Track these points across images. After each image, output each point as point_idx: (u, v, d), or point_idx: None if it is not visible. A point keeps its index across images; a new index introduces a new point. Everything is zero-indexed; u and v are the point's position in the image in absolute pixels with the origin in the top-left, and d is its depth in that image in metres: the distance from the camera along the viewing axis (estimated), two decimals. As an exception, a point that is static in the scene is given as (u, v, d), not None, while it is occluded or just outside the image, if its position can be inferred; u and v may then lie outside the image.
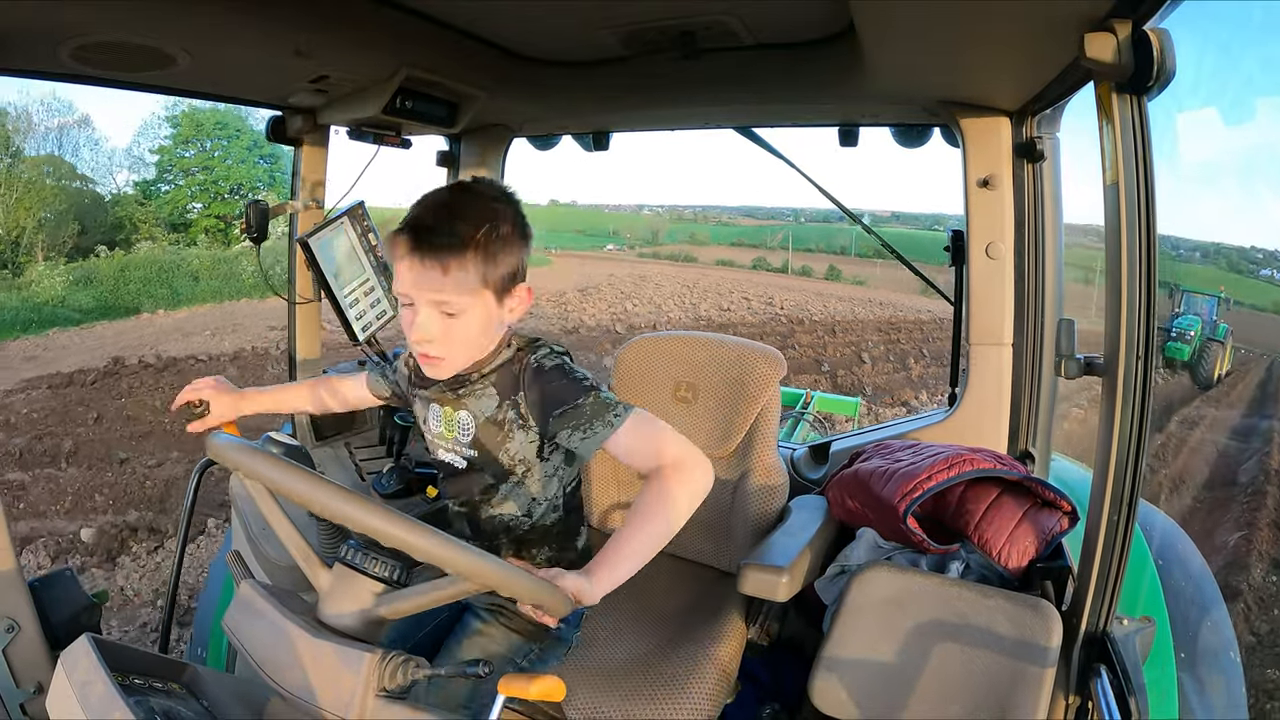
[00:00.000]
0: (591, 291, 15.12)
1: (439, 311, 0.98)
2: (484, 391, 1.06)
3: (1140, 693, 0.95)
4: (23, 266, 13.19)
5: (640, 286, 16.14)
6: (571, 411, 0.97)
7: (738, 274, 15.12)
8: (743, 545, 1.54)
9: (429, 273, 0.95)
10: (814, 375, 9.26)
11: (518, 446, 1.07)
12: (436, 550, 0.75)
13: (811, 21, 1.35)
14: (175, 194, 16.16)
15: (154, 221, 15.95)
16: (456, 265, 0.95)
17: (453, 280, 0.95)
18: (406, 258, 0.96)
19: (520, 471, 1.09)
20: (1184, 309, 12.48)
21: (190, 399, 1.24)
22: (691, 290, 15.71)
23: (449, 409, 1.10)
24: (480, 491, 1.12)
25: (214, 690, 0.82)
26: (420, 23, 1.33)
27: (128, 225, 15.70)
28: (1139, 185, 0.87)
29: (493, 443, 1.07)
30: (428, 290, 0.97)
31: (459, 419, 1.09)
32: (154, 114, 17.19)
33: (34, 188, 13.94)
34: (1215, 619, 1.55)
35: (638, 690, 1.26)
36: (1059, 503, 1.32)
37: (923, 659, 1.18)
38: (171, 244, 15.10)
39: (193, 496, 1.44)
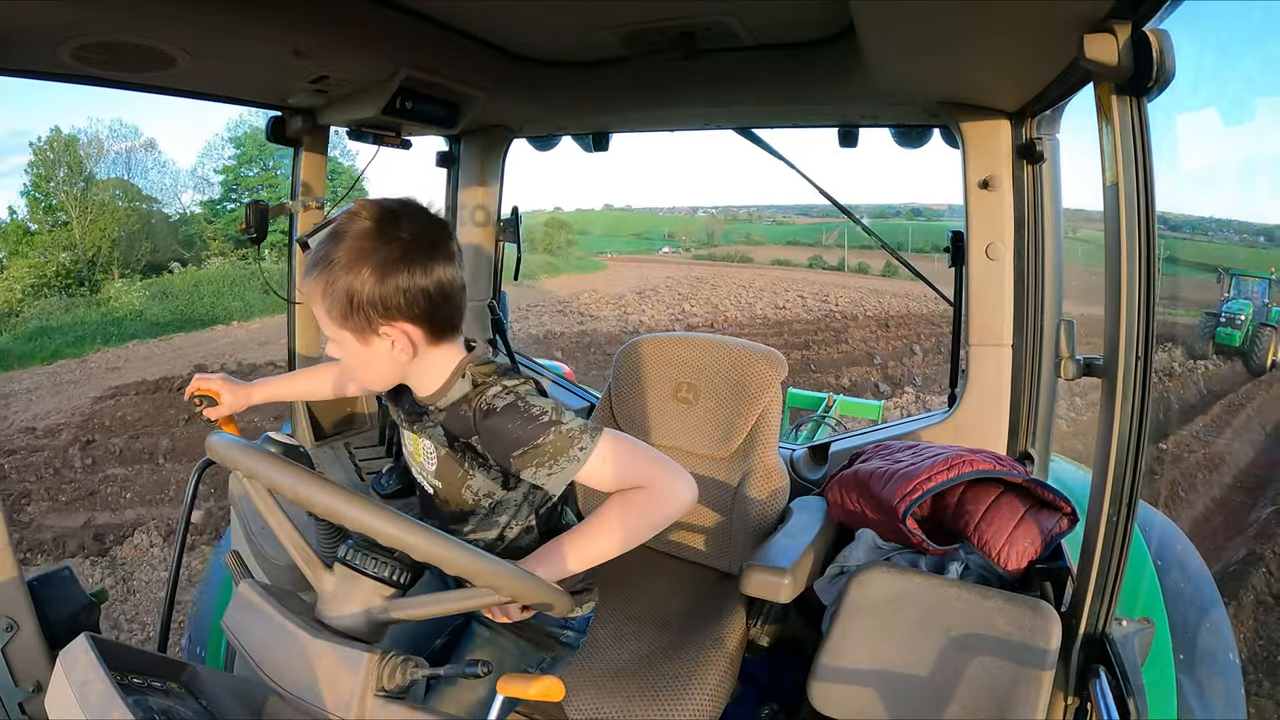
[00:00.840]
0: (649, 294, 15.32)
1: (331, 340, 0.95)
2: (434, 430, 1.02)
3: (1139, 694, 0.95)
4: (100, 284, 14.01)
5: (697, 288, 16.22)
6: (532, 452, 0.90)
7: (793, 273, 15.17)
8: (743, 546, 1.54)
9: (311, 296, 0.92)
10: (865, 367, 9.31)
11: (480, 483, 1.03)
12: (435, 549, 0.76)
13: (811, 22, 1.35)
14: (240, 211, 16.47)
15: (222, 238, 16.57)
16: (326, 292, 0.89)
17: (322, 307, 0.91)
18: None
19: (487, 505, 1.06)
20: (1234, 293, 11.88)
21: (201, 390, 1.29)
22: (747, 290, 15.75)
23: (414, 435, 1.07)
24: (450, 521, 1.09)
25: (213, 689, 0.82)
26: (420, 23, 1.33)
27: (197, 242, 16.54)
28: (1139, 186, 0.87)
29: (454, 479, 1.04)
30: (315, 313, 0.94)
31: (424, 446, 1.06)
32: (218, 135, 18.24)
33: (107, 209, 14.67)
34: (1214, 620, 1.55)
35: (639, 691, 1.26)
36: (1058, 503, 1.32)
37: (922, 659, 1.18)
38: (240, 259, 15.65)
39: (192, 496, 1.44)
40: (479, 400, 0.95)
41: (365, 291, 0.88)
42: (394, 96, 1.44)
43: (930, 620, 1.18)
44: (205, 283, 14.24)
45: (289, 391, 1.42)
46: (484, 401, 0.94)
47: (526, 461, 0.91)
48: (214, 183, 17.60)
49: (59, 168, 14.43)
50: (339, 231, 0.90)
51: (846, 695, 1.23)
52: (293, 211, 1.73)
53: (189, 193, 16.64)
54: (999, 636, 1.12)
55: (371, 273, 0.87)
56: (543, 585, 0.82)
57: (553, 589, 0.84)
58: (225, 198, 17.01)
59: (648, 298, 15.06)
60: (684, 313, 13.42)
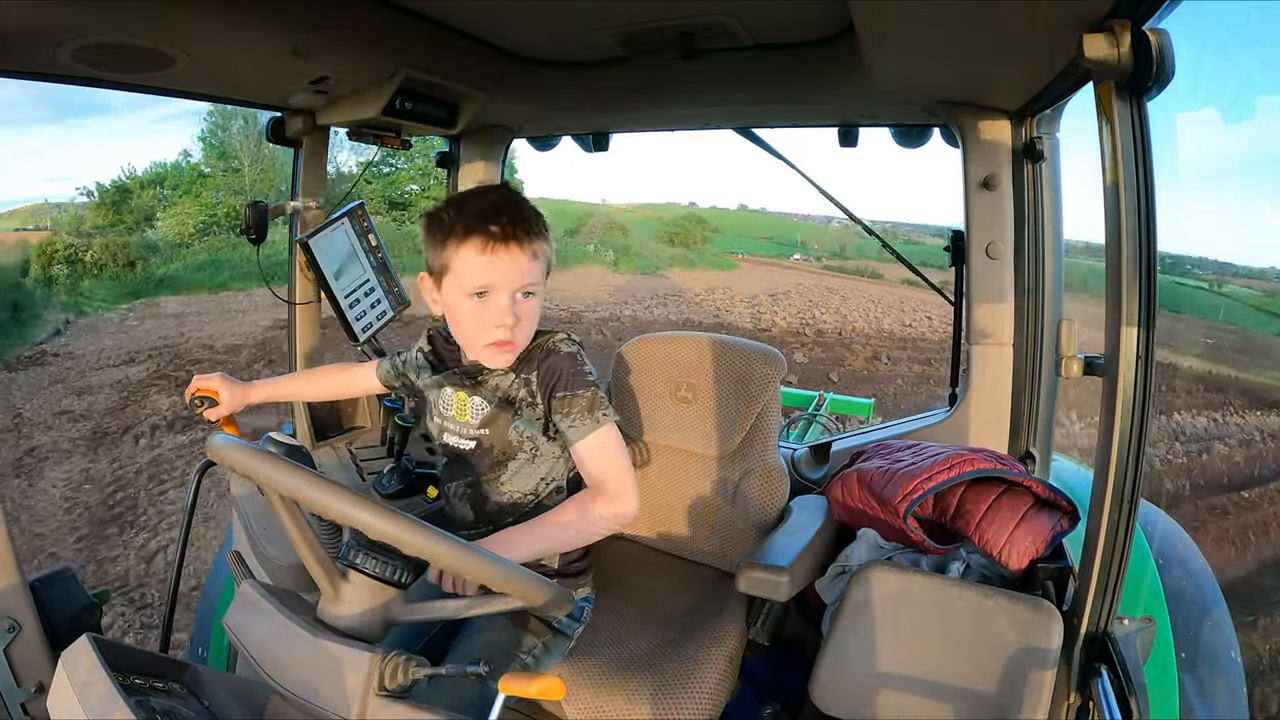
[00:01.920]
0: (781, 297, 15.25)
1: (521, 296, 1.06)
2: (505, 378, 1.13)
3: (1141, 693, 0.95)
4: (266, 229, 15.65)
5: (827, 297, 16.06)
6: (570, 399, 1.05)
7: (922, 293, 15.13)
8: (744, 545, 1.54)
9: (517, 260, 1.03)
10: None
11: (525, 424, 1.12)
12: (436, 549, 0.76)
13: (811, 22, 1.35)
14: (396, 175, 18.21)
15: (380, 199, 17.79)
16: (539, 252, 1.06)
17: (538, 265, 1.06)
18: (492, 247, 1.02)
19: (529, 449, 1.14)
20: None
21: (200, 390, 1.31)
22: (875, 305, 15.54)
23: (463, 393, 1.16)
24: (487, 470, 1.17)
25: (214, 690, 0.82)
26: (420, 23, 1.33)
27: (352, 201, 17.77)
28: (1138, 186, 0.87)
29: (503, 420, 1.13)
30: (516, 276, 1.04)
31: (472, 403, 1.15)
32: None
33: (276, 162, 15.72)
34: (1216, 619, 1.55)
35: (639, 690, 1.26)
36: (1059, 503, 1.32)
37: (923, 659, 1.18)
38: (392, 221, 16.83)
39: (193, 497, 1.44)
40: (548, 342, 1.11)
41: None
42: (394, 97, 1.44)
43: (932, 619, 1.18)
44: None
45: (289, 392, 1.45)
46: (552, 342, 1.11)
47: (561, 405, 1.06)
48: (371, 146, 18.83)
49: (235, 119, 15.44)
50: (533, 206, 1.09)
51: (847, 694, 1.23)
52: (293, 211, 1.73)
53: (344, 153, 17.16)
54: (1000, 636, 1.12)
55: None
56: (546, 586, 0.82)
57: (555, 590, 0.84)
58: (383, 161, 18.15)
59: (779, 301, 14.97)
60: (814, 319, 13.36)
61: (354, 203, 1.76)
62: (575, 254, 17.57)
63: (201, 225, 14.68)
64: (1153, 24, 0.83)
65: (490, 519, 1.20)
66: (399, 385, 1.35)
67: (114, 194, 15.67)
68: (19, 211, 17.91)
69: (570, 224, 20.13)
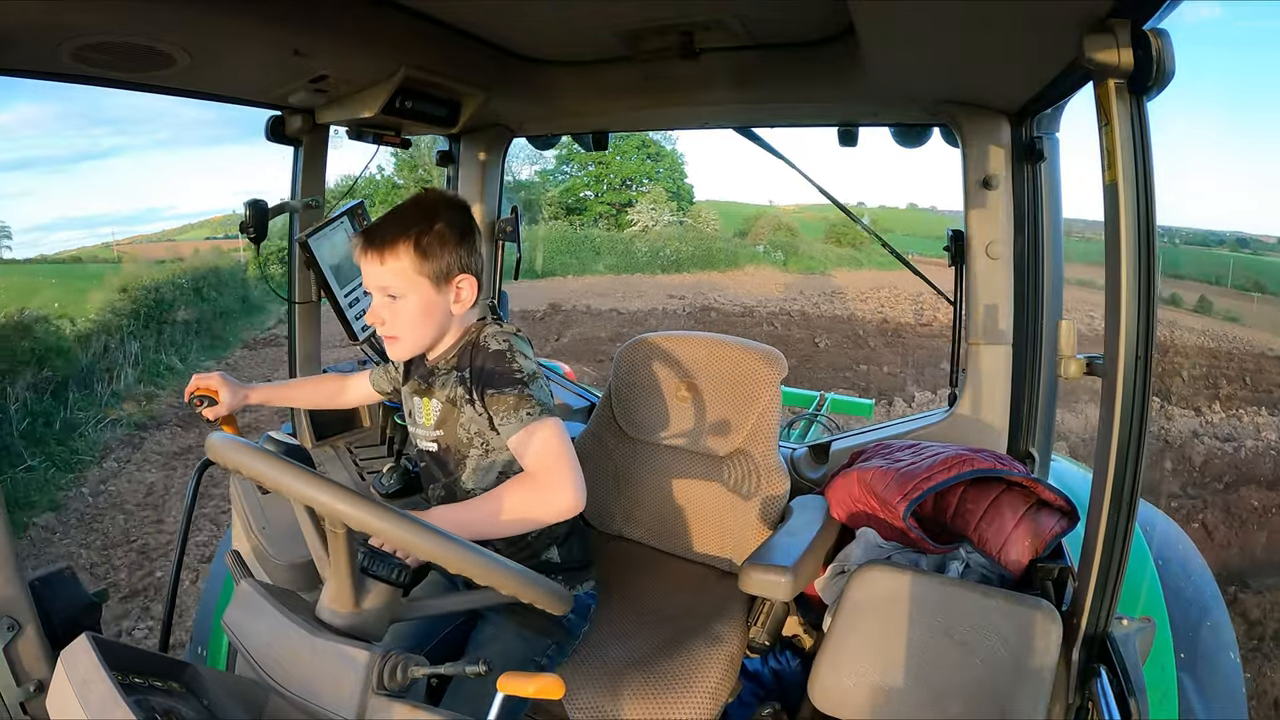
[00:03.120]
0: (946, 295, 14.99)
1: (384, 296, 1.12)
2: (448, 377, 1.17)
3: (1140, 693, 0.95)
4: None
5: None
6: (498, 397, 1.07)
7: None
8: (744, 545, 1.54)
9: (371, 263, 1.11)
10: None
11: (469, 419, 1.16)
12: (436, 548, 0.76)
13: (811, 21, 1.35)
14: (572, 183, 19.38)
15: (557, 205, 19.06)
16: (392, 256, 1.10)
17: (388, 269, 1.10)
18: (361, 255, 1.13)
19: (479, 445, 1.17)
20: None
21: (199, 389, 1.32)
22: None
23: (425, 398, 1.21)
24: (453, 469, 1.20)
25: (214, 689, 0.82)
26: (420, 23, 1.33)
27: (534, 206, 19.09)
28: (1138, 185, 0.87)
29: (451, 419, 1.17)
30: (373, 278, 1.12)
31: (432, 405, 1.20)
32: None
33: None
34: (1215, 619, 1.55)
35: (640, 689, 1.27)
36: (1059, 503, 1.32)
37: (923, 659, 1.18)
38: (569, 225, 18.24)
39: (192, 496, 1.44)
40: (477, 338, 1.14)
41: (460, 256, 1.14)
42: (394, 96, 1.44)
43: (931, 619, 1.18)
44: (546, 240, 17.04)
45: (286, 397, 1.49)
46: (482, 338, 1.14)
47: (492, 402, 1.09)
48: (548, 156, 20.23)
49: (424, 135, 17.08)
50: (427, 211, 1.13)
51: (847, 694, 1.23)
52: (293, 211, 1.73)
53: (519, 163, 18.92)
54: (1000, 635, 1.12)
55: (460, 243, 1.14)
56: (546, 586, 0.83)
57: (555, 589, 0.84)
58: (558, 169, 19.62)
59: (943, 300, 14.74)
60: None
61: (354, 201, 1.76)
62: (746, 254, 17.99)
63: None
64: (1153, 24, 0.83)
65: None
66: (391, 391, 1.40)
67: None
68: (210, 221, 20.46)
69: (740, 225, 20.49)
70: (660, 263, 16.36)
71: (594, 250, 16.79)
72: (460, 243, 1.13)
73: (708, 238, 18.11)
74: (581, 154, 18.75)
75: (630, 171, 19.14)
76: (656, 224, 17.73)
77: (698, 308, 12.06)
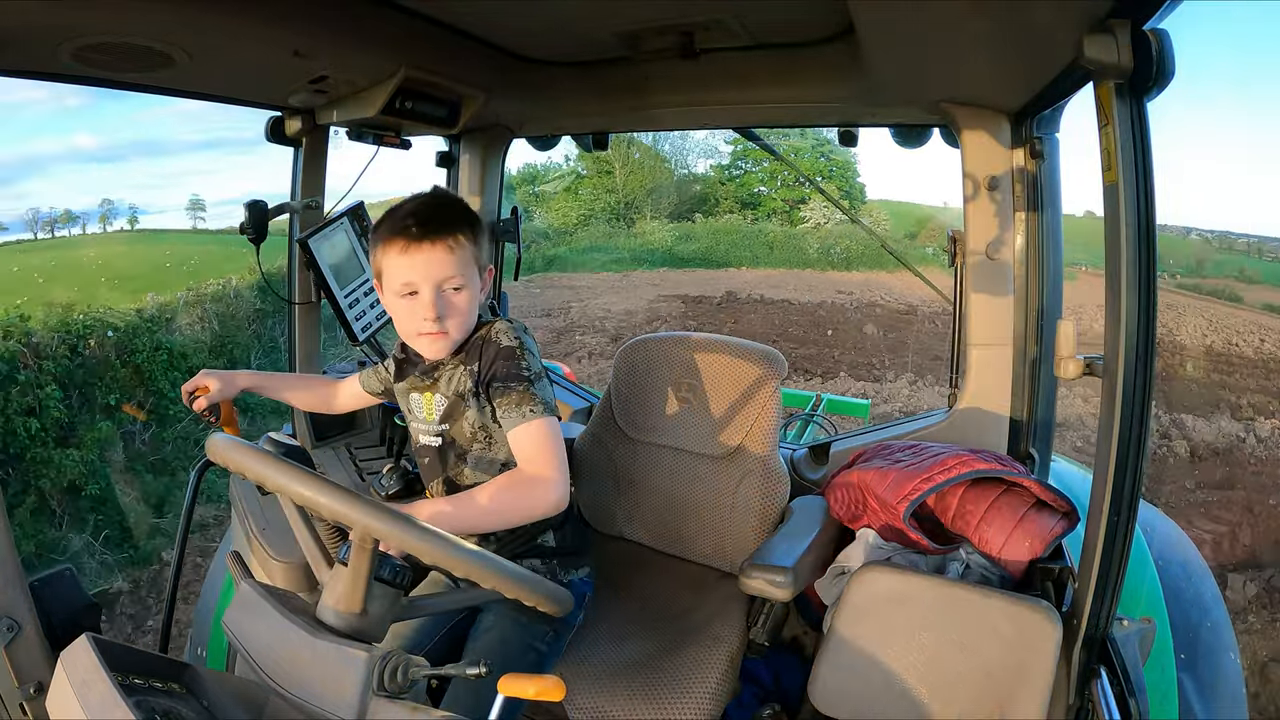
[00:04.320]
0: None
1: (443, 289, 1.10)
2: (454, 371, 1.17)
3: (1140, 693, 0.95)
4: (635, 221, 18.22)
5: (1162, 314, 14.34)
6: (503, 390, 1.08)
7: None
8: (744, 546, 1.54)
9: (435, 253, 1.08)
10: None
11: (475, 414, 1.16)
12: (436, 550, 0.76)
13: (811, 21, 1.35)
14: (746, 178, 19.67)
15: (732, 199, 19.44)
16: (456, 244, 1.09)
17: (456, 257, 1.09)
18: (410, 247, 1.08)
19: (483, 439, 1.18)
20: None
21: (193, 389, 1.33)
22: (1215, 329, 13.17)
23: (427, 395, 1.21)
24: (454, 464, 1.21)
25: (214, 690, 0.82)
26: (420, 23, 1.33)
27: (711, 200, 19.65)
28: (1138, 185, 0.87)
29: (457, 414, 1.18)
30: (436, 269, 1.09)
31: (435, 401, 1.20)
32: (719, 124, 21.48)
33: (642, 166, 18.66)
34: (1215, 620, 1.55)
35: (639, 690, 1.27)
36: (1059, 503, 1.32)
37: (923, 659, 1.18)
38: (743, 219, 18.57)
39: (192, 496, 1.44)
40: (488, 333, 1.14)
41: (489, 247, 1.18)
42: (394, 96, 1.44)
43: (931, 620, 1.18)
44: (721, 232, 17.16)
45: (278, 390, 1.43)
46: (493, 333, 1.14)
47: (495, 395, 1.10)
48: (724, 151, 20.55)
49: None
50: (462, 203, 1.16)
51: (847, 695, 1.23)
52: (293, 211, 1.73)
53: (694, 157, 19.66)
54: (1000, 636, 1.12)
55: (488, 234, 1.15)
56: (545, 589, 0.83)
57: (554, 591, 0.84)
58: (733, 165, 19.93)
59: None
60: None
61: (354, 202, 1.76)
62: (914, 256, 18.00)
63: (582, 217, 17.91)
64: (1153, 24, 0.83)
65: None
66: (382, 392, 1.38)
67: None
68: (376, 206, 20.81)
69: (910, 227, 19.97)
70: (831, 259, 16.08)
71: (767, 245, 16.75)
72: (489, 234, 1.14)
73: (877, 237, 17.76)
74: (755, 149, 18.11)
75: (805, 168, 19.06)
76: (828, 221, 17.60)
77: (864, 303, 12.06)
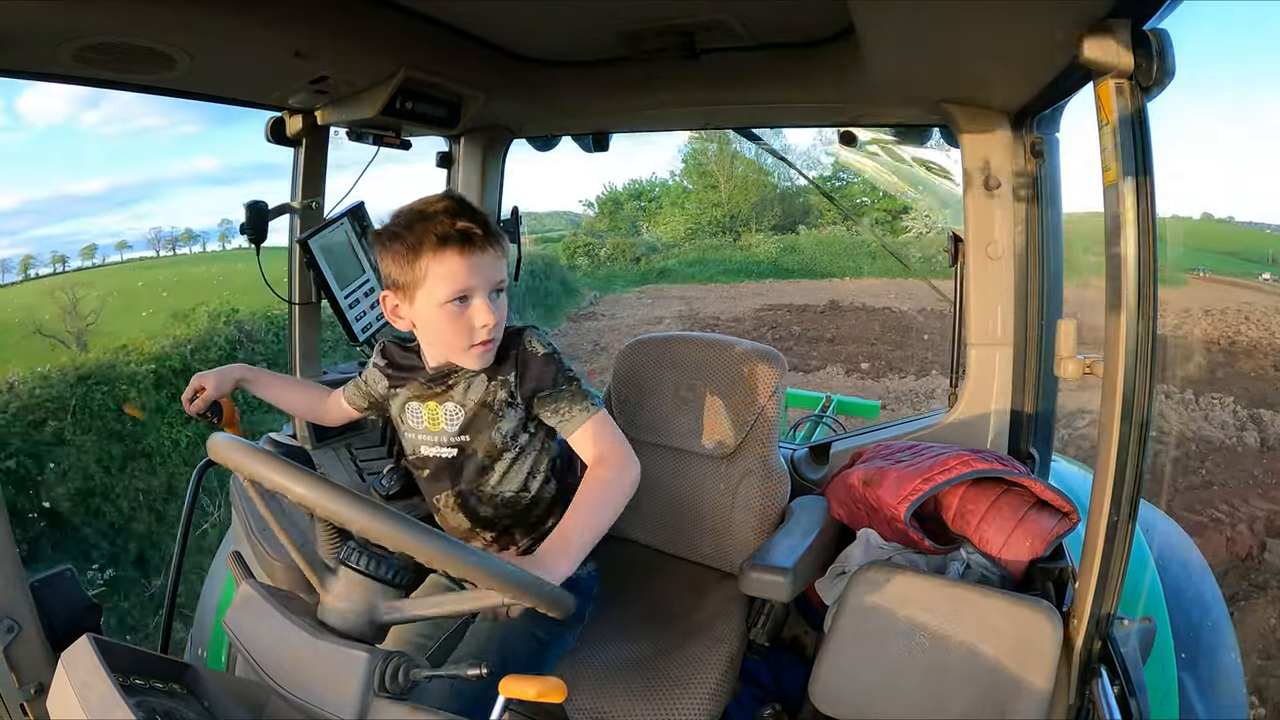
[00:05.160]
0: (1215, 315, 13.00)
1: (492, 292, 1.08)
2: (474, 379, 1.14)
3: (1141, 693, 0.95)
4: (740, 234, 18.66)
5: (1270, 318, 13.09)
6: (554, 395, 1.10)
7: None
8: (744, 546, 1.54)
9: (486, 259, 1.06)
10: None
11: (509, 425, 1.15)
12: (436, 551, 0.75)
13: (811, 21, 1.35)
14: (848, 189, 19.51)
15: (834, 210, 19.66)
16: (499, 248, 1.09)
17: (501, 261, 1.09)
18: (472, 251, 1.05)
19: (513, 448, 1.16)
20: None
21: (189, 393, 1.32)
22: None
23: (431, 404, 1.17)
24: (474, 475, 1.18)
25: (214, 690, 0.82)
26: (420, 23, 1.33)
27: (814, 212, 19.86)
28: (1138, 186, 0.87)
29: (485, 424, 1.15)
30: (491, 275, 1.07)
31: (445, 410, 1.16)
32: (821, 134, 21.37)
33: (746, 180, 19.00)
34: (1216, 619, 1.55)
35: (640, 690, 1.27)
36: (1059, 503, 1.32)
37: (923, 659, 1.18)
38: (845, 230, 18.63)
39: (192, 496, 1.44)
40: (522, 342, 1.13)
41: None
42: (394, 96, 1.43)
43: (931, 620, 1.18)
44: (825, 243, 17.42)
45: (271, 385, 1.39)
46: (527, 343, 1.13)
47: (547, 403, 1.10)
48: (825, 163, 20.69)
49: (711, 143, 18.71)
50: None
51: (847, 695, 1.23)
52: (293, 211, 1.73)
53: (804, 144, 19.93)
54: (1000, 636, 1.12)
55: None
56: (543, 586, 0.82)
57: (554, 591, 0.84)
58: (835, 176, 19.80)
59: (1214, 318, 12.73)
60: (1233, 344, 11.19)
61: (354, 202, 1.76)
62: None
63: (689, 231, 18.55)
64: (1153, 24, 0.83)
65: (486, 522, 1.21)
66: (367, 406, 1.32)
67: (609, 205, 20.20)
68: None
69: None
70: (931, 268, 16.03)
71: (869, 254, 16.79)
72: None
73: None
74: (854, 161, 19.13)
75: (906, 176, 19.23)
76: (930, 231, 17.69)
77: (961, 309, 12.35)
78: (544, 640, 1.19)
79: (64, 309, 8.80)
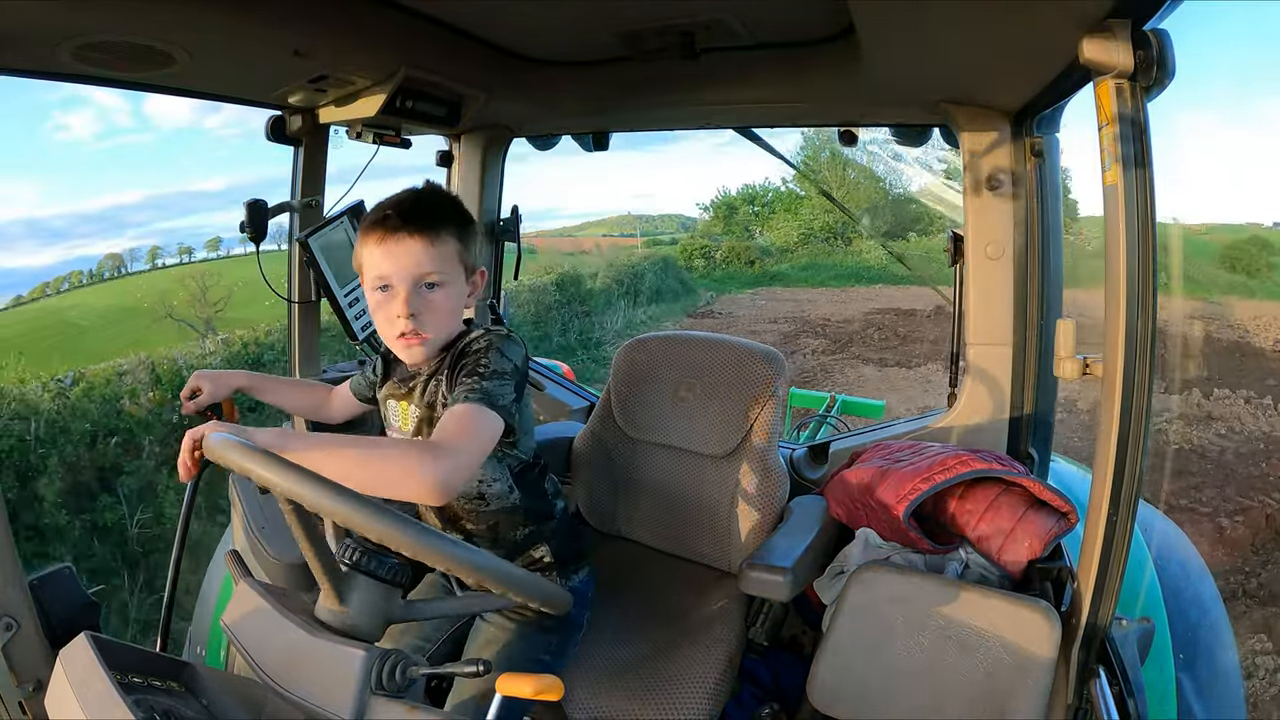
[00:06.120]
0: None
1: (421, 286, 1.04)
2: (428, 381, 1.12)
3: (1139, 693, 0.95)
4: (851, 239, 18.66)
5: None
6: (461, 379, 1.00)
7: None
8: (743, 545, 1.54)
9: (412, 249, 1.02)
10: None
11: None
12: (434, 550, 0.76)
13: (811, 21, 1.35)
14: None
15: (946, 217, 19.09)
16: (437, 239, 1.03)
17: (437, 252, 1.03)
18: (388, 239, 1.02)
19: None
20: None
21: (188, 392, 1.31)
22: None
23: (403, 404, 1.16)
24: None
25: (213, 689, 0.82)
26: (420, 23, 1.33)
27: (924, 219, 19.51)
28: (1138, 186, 0.87)
29: (430, 425, 1.11)
30: (412, 266, 1.03)
31: (410, 411, 1.15)
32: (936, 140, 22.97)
33: (859, 186, 18.91)
34: (1214, 619, 1.55)
35: (638, 689, 1.27)
36: (1058, 503, 1.32)
37: (922, 659, 1.18)
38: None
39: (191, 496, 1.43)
40: (462, 342, 1.07)
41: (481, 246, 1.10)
42: (394, 96, 1.44)
43: (930, 620, 1.18)
44: (935, 250, 17.36)
45: (273, 391, 1.40)
46: (469, 339, 1.07)
47: (454, 386, 1.01)
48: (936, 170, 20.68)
49: (824, 150, 18.81)
50: (454, 198, 1.13)
51: (846, 695, 1.23)
52: (293, 210, 1.73)
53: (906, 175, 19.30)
54: (999, 636, 1.12)
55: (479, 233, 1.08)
56: (542, 586, 0.83)
57: (552, 589, 0.84)
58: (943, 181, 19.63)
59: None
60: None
61: (354, 201, 1.76)
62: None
63: (802, 236, 18.49)
64: (1153, 24, 0.83)
65: (451, 523, 1.21)
66: (370, 397, 1.32)
67: (724, 209, 20.19)
68: (607, 220, 23.57)
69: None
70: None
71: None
72: (481, 237, 1.11)
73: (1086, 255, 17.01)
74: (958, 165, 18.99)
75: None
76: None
77: (1061, 317, 12.24)
78: (547, 662, 1.18)
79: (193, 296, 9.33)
